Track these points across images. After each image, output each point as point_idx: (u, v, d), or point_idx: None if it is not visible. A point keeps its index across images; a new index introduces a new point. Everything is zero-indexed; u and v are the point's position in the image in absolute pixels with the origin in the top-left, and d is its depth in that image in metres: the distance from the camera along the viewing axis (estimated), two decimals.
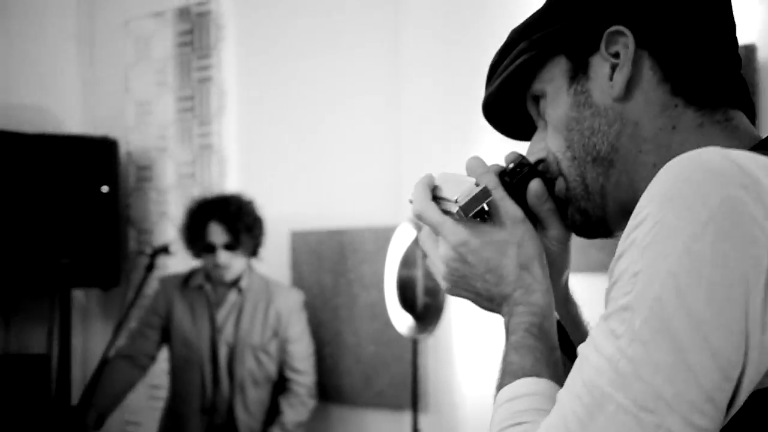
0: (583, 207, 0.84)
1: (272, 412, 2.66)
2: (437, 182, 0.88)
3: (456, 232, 0.83)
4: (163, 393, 2.80)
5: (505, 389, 0.78)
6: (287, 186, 2.94)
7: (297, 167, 2.97)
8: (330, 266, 2.81)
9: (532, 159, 0.89)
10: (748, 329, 0.60)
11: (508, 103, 0.90)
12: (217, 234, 2.60)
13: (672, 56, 0.79)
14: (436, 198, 0.86)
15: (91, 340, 3.49)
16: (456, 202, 0.81)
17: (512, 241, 0.83)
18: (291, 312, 2.70)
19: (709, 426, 0.60)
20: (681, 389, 0.60)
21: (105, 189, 3.17)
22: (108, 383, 2.56)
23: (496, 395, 0.79)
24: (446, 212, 0.84)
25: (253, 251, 2.72)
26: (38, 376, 3.21)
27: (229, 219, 2.63)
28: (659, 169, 0.69)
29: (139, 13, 3.33)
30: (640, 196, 0.67)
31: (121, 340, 2.66)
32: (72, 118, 3.54)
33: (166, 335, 2.71)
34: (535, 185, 0.85)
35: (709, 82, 0.79)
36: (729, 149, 0.66)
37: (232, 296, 2.69)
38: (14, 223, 3.07)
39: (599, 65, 0.81)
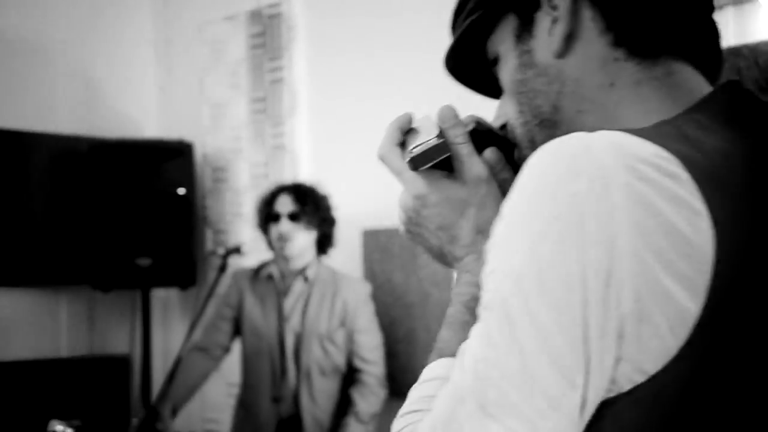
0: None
1: (344, 405, 2.68)
2: (415, 124, 0.83)
3: (414, 183, 0.80)
4: None
5: (427, 368, 0.76)
6: (359, 184, 2.94)
7: (368, 165, 2.95)
8: (401, 264, 2.80)
9: (496, 123, 0.84)
10: (587, 335, 0.56)
11: (469, 61, 0.85)
12: (283, 203, 2.69)
13: (613, 4, 0.73)
14: (404, 142, 0.83)
15: (172, 340, 3.57)
16: (410, 151, 0.78)
17: (472, 201, 0.79)
18: (358, 302, 2.71)
19: None
20: (526, 395, 0.57)
21: (182, 191, 3.24)
22: (182, 375, 2.64)
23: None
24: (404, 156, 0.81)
25: (323, 233, 2.76)
26: (120, 376, 3.31)
27: (297, 191, 2.71)
28: (596, 130, 0.64)
29: (213, 17, 3.38)
30: None
31: (196, 335, 2.73)
32: (149, 123, 3.65)
33: (238, 327, 2.78)
34: (488, 154, 0.81)
35: (651, 31, 0.72)
36: (606, 133, 0.61)
37: (299, 285, 2.72)
38: (96, 226, 3.19)
39: (542, 20, 0.76)
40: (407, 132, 0.83)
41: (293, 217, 2.68)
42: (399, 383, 2.76)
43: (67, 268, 3.31)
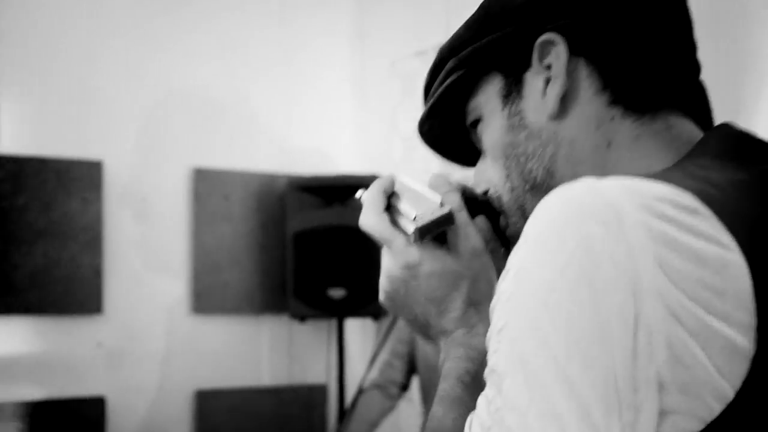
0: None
1: None
2: (396, 188, 0.82)
3: (406, 252, 0.78)
4: None
5: None
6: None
7: None
8: None
9: (478, 189, 0.82)
10: (618, 388, 0.52)
11: (446, 128, 0.84)
12: None
13: (609, 60, 0.73)
14: (391, 207, 0.81)
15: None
16: (414, 219, 0.76)
17: (466, 274, 0.78)
18: None
19: None
20: None
21: None
22: (360, 412, 2.73)
23: None
24: (397, 225, 0.79)
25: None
26: (318, 405, 3.46)
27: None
28: None
29: (405, 53, 3.48)
30: None
31: (373, 372, 2.79)
32: (344, 158, 3.81)
33: (413, 363, 2.80)
34: (480, 223, 0.80)
35: (648, 84, 0.72)
36: (614, 178, 0.58)
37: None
38: (295, 257, 3.39)
39: (533, 80, 0.75)
40: (390, 195, 0.82)
41: None
42: None
43: (268, 298, 3.56)
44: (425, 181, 0.82)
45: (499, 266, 0.74)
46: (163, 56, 3.41)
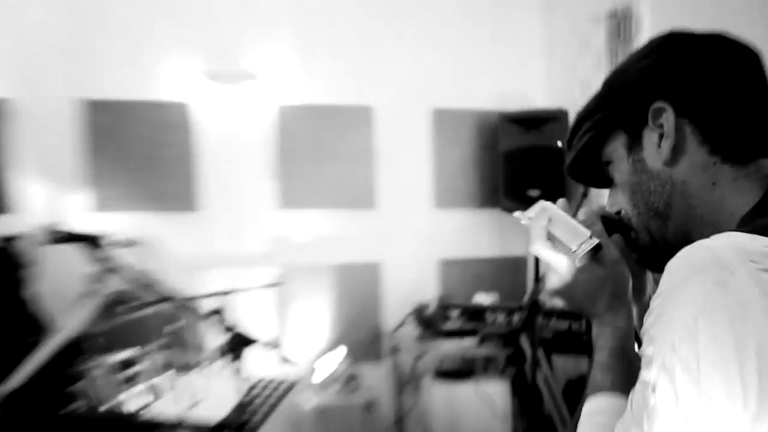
0: (650, 251, 0.96)
1: None
2: (551, 215, 0.99)
3: (568, 271, 0.95)
4: None
5: (588, 402, 0.92)
6: None
7: None
8: None
9: (614, 209, 1.00)
10: (747, 399, 0.67)
11: (586, 167, 1.02)
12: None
13: (707, 121, 0.86)
14: (550, 236, 0.98)
15: None
16: (573, 252, 0.94)
17: (611, 277, 0.94)
18: None
19: None
20: None
21: (560, 144, 4.46)
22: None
23: (582, 402, 0.93)
24: (556, 247, 0.97)
25: None
26: (519, 271, 4.68)
27: None
28: (705, 220, 0.83)
29: (582, 18, 4.53)
30: (691, 241, 0.77)
31: None
32: (538, 97, 4.89)
33: None
34: (616, 239, 0.97)
35: (739, 140, 0.85)
36: (724, 237, 0.74)
37: None
38: (504, 170, 4.55)
39: (649, 136, 0.89)
40: (547, 222, 0.99)
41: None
42: None
43: (487, 197, 4.79)
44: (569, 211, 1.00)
45: (632, 268, 0.97)
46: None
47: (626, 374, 0.91)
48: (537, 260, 4.60)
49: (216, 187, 4.44)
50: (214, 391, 2.89)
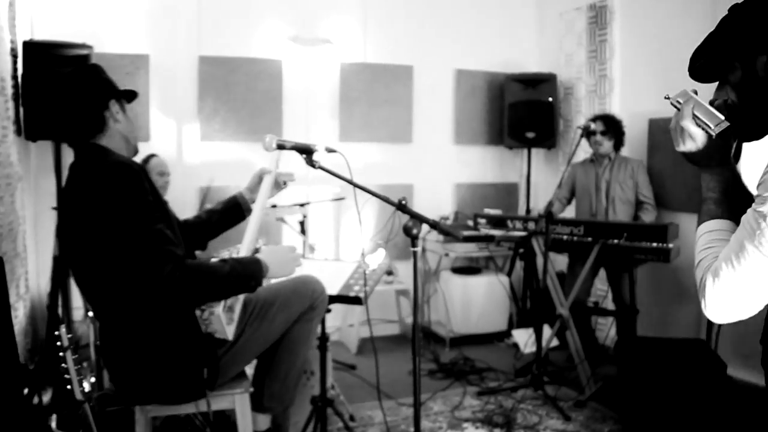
0: (747, 129, 1.39)
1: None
2: (695, 102, 1.40)
3: (702, 141, 1.41)
4: None
5: (705, 224, 1.37)
6: (655, 94, 4.72)
7: (660, 81, 4.93)
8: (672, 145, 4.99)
9: (721, 99, 1.41)
10: None
11: (705, 71, 1.45)
12: (599, 125, 4.81)
13: None
14: (694, 115, 1.37)
15: (541, 176, 6.52)
16: (712, 128, 1.38)
17: (724, 146, 1.41)
18: (638, 167, 4.79)
19: None
20: None
21: (550, 99, 6.04)
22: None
23: (697, 227, 1.36)
24: (697, 123, 1.38)
25: (617, 139, 4.73)
26: (513, 194, 6.36)
27: (603, 119, 4.82)
28: None
29: (568, 8, 6.05)
30: None
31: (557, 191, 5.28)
32: (534, 63, 6.42)
33: (574, 189, 4.98)
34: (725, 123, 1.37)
35: None
36: None
37: (606, 161, 4.89)
38: (508, 117, 6.21)
39: (760, 57, 1.32)
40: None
41: (603, 133, 4.75)
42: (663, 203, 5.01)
43: (493, 136, 6.34)
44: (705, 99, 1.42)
45: (732, 136, 1.40)
46: None
47: (731, 209, 1.33)
48: (528, 185, 6.22)
49: (295, 123, 5.86)
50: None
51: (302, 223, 4.96)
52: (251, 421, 2.62)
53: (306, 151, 2.66)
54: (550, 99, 6.02)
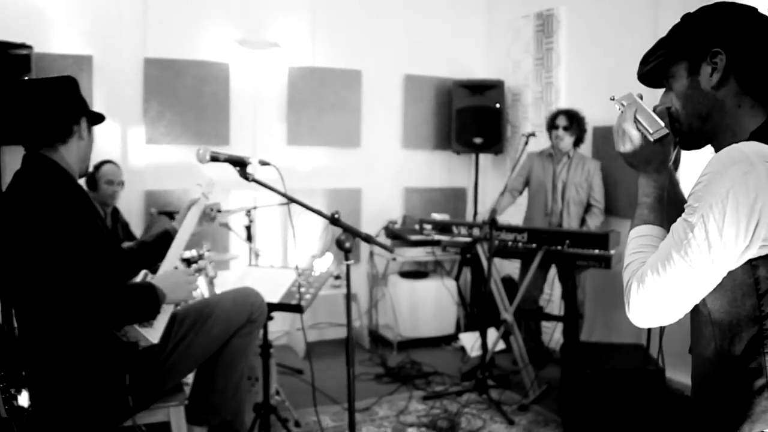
0: (687, 138, 1.45)
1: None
2: (637, 105, 1.44)
3: (639, 143, 1.45)
4: None
5: (636, 228, 1.41)
6: (599, 102, 4.76)
7: (605, 89, 5.20)
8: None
9: (664, 106, 1.46)
10: (748, 228, 1.18)
11: (652, 75, 1.51)
12: (561, 120, 4.73)
13: (744, 68, 1.32)
14: (635, 118, 1.43)
15: (489, 182, 6.60)
16: (652, 134, 1.42)
17: (662, 151, 1.45)
18: (594, 170, 4.80)
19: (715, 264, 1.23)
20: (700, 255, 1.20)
21: (497, 105, 6.10)
22: (497, 202, 5.57)
23: (630, 231, 1.41)
24: (637, 127, 1.44)
25: (578, 136, 4.70)
26: (462, 198, 6.43)
27: (567, 113, 4.75)
28: (729, 128, 1.33)
29: (516, 16, 6.13)
30: (716, 138, 1.36)
31: (509, 181, 5.10)
32: (481, 70, 6.49)
33: (528, 179, 5.07)
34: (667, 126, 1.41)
35: (760, 83, 1.33)
36: (751, 144, 1.21)
37: (565, 158, 4.85)
38: (457, 126, 6.27)
39: (705, 68, 1.35)
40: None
41: (565, 128, 4.71)
42: (611, 209, 5.01)
43: (441, 142, 6.36)
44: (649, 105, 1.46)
45: (672, 143, 1.44)
46: None
47: (664, 215, 1.38)
48: (476, 190, 6.29)
49: (242, 127, 5.82)
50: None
51: (249, 228, 4.93)
52: None
53: (239, 164, 2.67)
54: (498, 105, 6.10)
